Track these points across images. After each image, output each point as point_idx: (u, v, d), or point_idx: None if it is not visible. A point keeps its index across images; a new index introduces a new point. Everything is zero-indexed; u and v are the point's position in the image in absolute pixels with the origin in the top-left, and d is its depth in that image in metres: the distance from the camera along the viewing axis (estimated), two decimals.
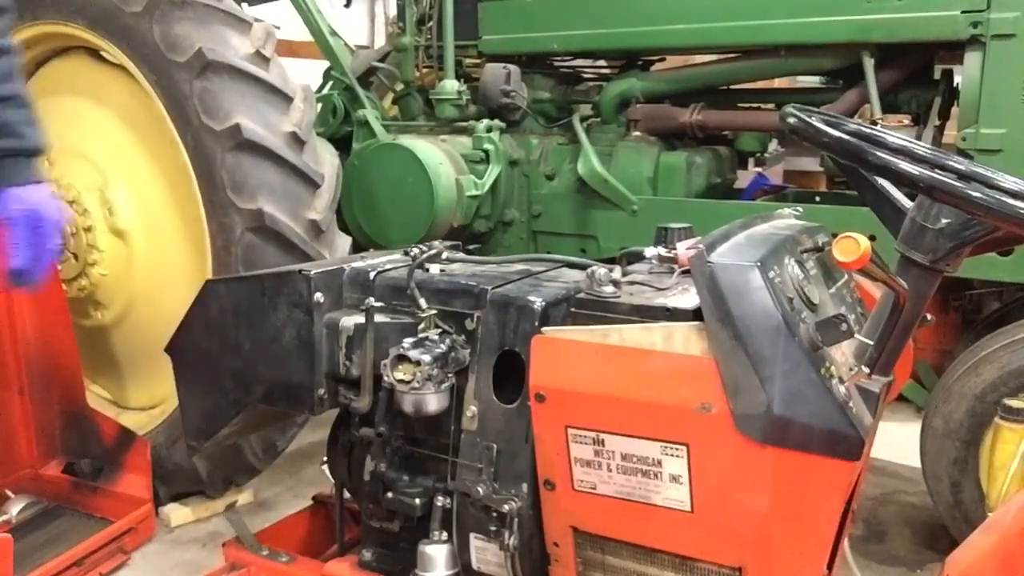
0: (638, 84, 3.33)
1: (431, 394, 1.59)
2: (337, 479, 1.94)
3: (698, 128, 3.24)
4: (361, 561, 1.87)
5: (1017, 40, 2.47)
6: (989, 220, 1.18)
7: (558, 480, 1.50)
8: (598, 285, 1.49)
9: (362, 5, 6.24)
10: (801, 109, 1.31)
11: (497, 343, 1.63)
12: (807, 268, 1.50)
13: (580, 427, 1.44)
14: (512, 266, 1.86)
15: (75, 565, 2.46)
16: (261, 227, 2.59)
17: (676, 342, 1.36)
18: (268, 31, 2.83)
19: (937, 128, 2.88)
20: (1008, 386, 2.43)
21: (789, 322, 1.28)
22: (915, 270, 1.33)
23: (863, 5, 2.72)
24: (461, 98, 3.39)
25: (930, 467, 2.60)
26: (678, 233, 1.68)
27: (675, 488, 1.39)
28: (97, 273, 2.92)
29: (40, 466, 2.87)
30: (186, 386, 1.94)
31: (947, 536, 2.64)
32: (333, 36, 3.59)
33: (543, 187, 3.38)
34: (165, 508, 2.91)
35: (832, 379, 1.30)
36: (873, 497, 3.17)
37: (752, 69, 3.21)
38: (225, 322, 1.83)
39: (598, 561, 1.54)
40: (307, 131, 2.79)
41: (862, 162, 1.23)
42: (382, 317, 1.71)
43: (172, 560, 2.71)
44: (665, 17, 3.07)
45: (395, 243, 3.01)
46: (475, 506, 1.64)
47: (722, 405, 1.31)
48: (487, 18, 3.44)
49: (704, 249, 1.35)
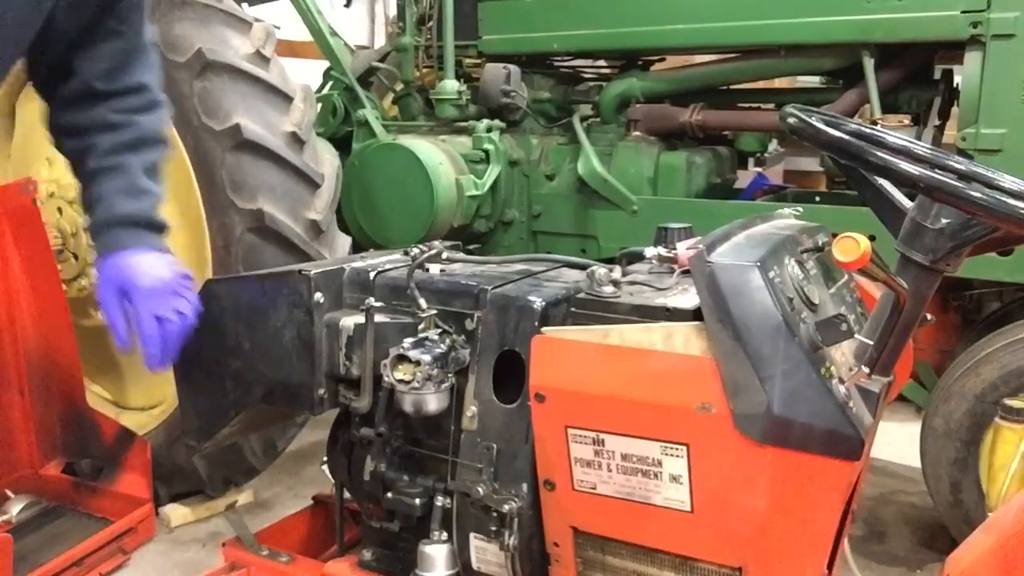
0: (638, 84, 3.33)
1: (431, 394, 1.59)
2: (337, 479, 1.94)
3: (698, 128, 3.23)
4: (361, 561, 1.87)
5: (1017, 40, 2.47)
6: (989, 220, 1.18)
7: (558, 480, 1.50)
8: (598, 285, 1.49)
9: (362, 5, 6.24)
10: (801, 109, 1.31)
11: (497, 343, 1.62)
12: (807, 268, 1.50)
13: (580, 427, 1.44)
14: (512, 266, 1.86)
15: (75, 565, 2.46)
16: (261, 227, 2.59)
17: (676, 342, 1.36)
18: (268, 31, 2.84)
19: (937, 128, 2.88)
20: (1008, 386, 2.43)
21: (789, 322, 1.28)
22: (915, 270, 1.33)
23: (863, 5, 2.72)
24: (461, 98, 3.39)
25: (930, 467, 2.59)
26: (678, 233, 1.68)
27: (675, 488, 1.39)
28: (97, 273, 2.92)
29: (40, 466, 2.87)
30: (186, 386, 1.94)
31: (947, 536, 2.64)
32: (333, 36, 3.59)
33: (543, 187, 3.38)
34: (165, 508, 2.91)
35: (832, 379, 1.30)
36: (873, 497, 3.17)
37: (752, 69, 3.21)
38: (225, 322, 1.83)
39: (598, 561, 1.54)
40: (307, 131, 2.79)
41: (862, 162, 1.23)
42: (382, 317, 1.71)
43: (172, 560, 2.71)
44: (665, 17, 3.07)
45: (395, 243, 3.00)
46: (475, 506, 1.63)
47: (722, 405, 1.31)
48: (487, 18, 3.44)
49: (704, 249, 1.35)
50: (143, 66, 1.73)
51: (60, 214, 2.92)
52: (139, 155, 1.69)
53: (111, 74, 1.68)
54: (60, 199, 2.92)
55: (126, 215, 1.69)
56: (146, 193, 1.71)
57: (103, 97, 1.68)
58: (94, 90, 1.67)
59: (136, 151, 1.69)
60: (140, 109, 1.71)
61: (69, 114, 1.71)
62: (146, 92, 1.73)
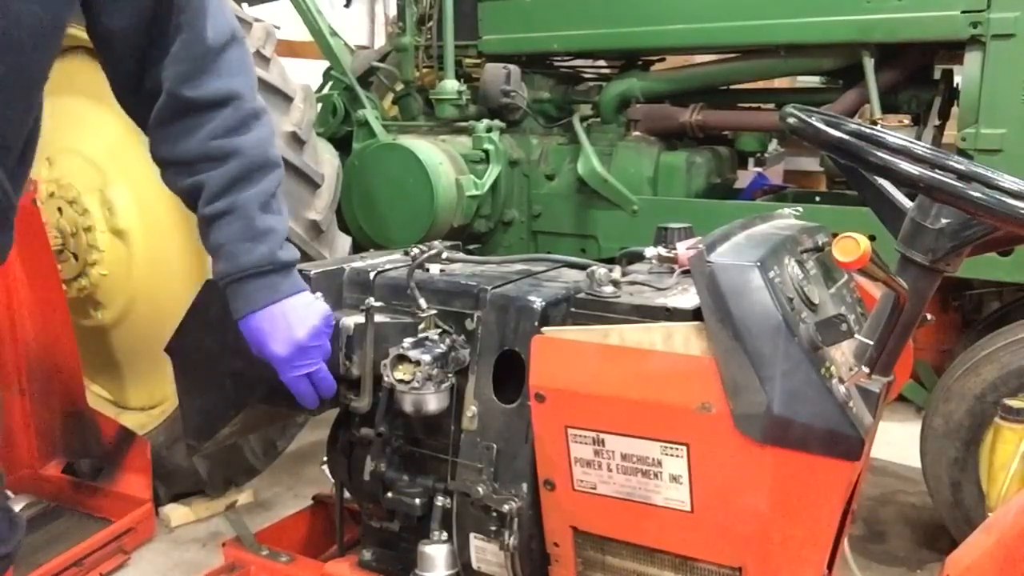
0: (638, 84, 3.33)
1: (431, 394, 1.59)
2: (337, 479, 1.93)
3: (698, 128, 3.24)
4: (361, 561, 1.86)
5: (1017, 40, 2.48)
6: (989, 220, 1.18)
7: (558, 480, 1.50)
8: (598, 285, 1.48)
9: (362, 5, 6.24)
10: (801, 109, 1.31)
11: (497, 343, 1.62)
12: (807, 268, 1.50)
13: (580, 427, 1.44)
14: (512, 266, 1.86)
15: (75, 565, 2.46)
16: None
17: (676, 342, 1.36)
18: (268, 31, 2.84)
19: (937, 128, 2.88)
20: (1008, 386, 2.43)
21: (789, 322, 1.28)
22: (915, 270, 1.33)
23: (863, 5, 2.72)
24: (461, 98, 3.39)
25: (930, 467, 2.60)
26: (678, 233, 1.68)
27: (675, 488, 1.39)
28: (97, 273, 2.92)
29: (40, 466, 2.87)
30: (186, 386, 1.94)
31: (947, 536, 2.64)
32: (333, 36, 3.60)
33: (543, 187, 3.38)
34: (165, 508, 2.91)
35: (832, 379, 1.30)
36: (873, 497, 3.17)
37: (752, 69, 3.21)
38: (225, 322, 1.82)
39: (598, 561, 1.54)
40: (307, 131, 2.79)
41: (862, 162, 1.23)
42: (382, 317, 1.71)
43: (172, 560, 2.71)
44: (665, 17, 3.08)
45: (395, 243, 3.01)
46: (475, 506, 1.63)
47: (722, 405, 1.31)
48: (487, 18, 3.44)
49: (704, 249, 1.35)
50: (227, 67, 1.52)
51: (60, 214, 2.92)
52: (253, 187, 1.52)
53: (192, 78, 1.49)
54: (60, 199, 2.92)
55: (251, 266, 1.54)
56: (267, 233, 1.53)
57: (195, 110, 1.50)
58: (182, 99, 1.49)
59: (248, 184, 1.52)
60: (240, 128, 1.53)
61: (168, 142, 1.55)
62: (240, 103, 1.53)
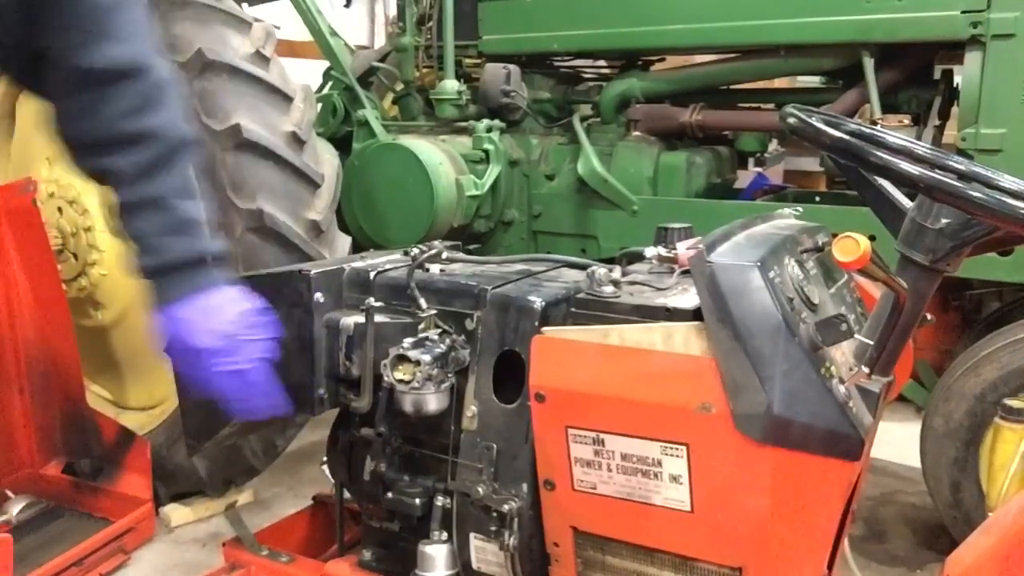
0: (638, 84, 3.33)
1: (431, 394, 1.59)
2: (337, 479, 1.94)
3: (698, 128, 3.24)
4: (361, 561, 1.87)
5: (1017, 40, 2.48)
6: (989, 220, 1.18)
7: (558, 480, 1.50)
8: (598, 285, 1.49)
9: (362, 5, 6.24)
10: (801, 109, 1.31)
11: (497, 343, 1.62)
12: (807, 268, 1.50)
13: (580, 427, 1.44)
14: (512, 266, 1.86)
15: (75, 565, 2.46)
16: (261, 227, 2.59)
17: (676, 342, 1.36)
18: (268, 31, 2.83)
19: (937, 128, 2.88)
20: (1008, 386, 2.43)
21: (789, 322, 1.28)
22: (915, 270, 1.33)
23: (863, 5, 2.72)
24: (461, 98, 3.39)
25: (930, 467, 2.59)
26: (678, 233, 1.68)
27: (675, 488, 1.39)
28: (97, 273, 2.92)
29: (40, 466, 2.87)
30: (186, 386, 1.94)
31: (947, 536, 2.63)
32: (333, 36, 3.60)
33: (543, 187, 3.38)
34: (165, 508, 2.91)
35: (832, 379, 1.30)
36: (873, 497, 3.16)
37: (752, 69, 3.21)
38: None
39: (598, 561, 1.54)
40: (307, 131, 2.79)
41: (862, 162, 1.23)
42: (382, 317, 1.71)
43: (172, 560, 2.71)
44: (665, 17, 3.08)
45: (395, 243, 3.01)
46: (475, 506, 1.63)
47: (722, 405, 1.30)
48: (487, 18, 3.44)
49: (704, 249, 1.35)
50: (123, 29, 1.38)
51: (60, 214, 2.92)
52: (171, 174, 1.43)
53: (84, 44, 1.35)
54: (60, 199, 2.92)
55: (178, 260, 1.46)
56: (190, 223, 1.45)
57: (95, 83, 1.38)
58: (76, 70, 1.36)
59: (165, 169, 1.43)
60: (149, 104, 1.41)
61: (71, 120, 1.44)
62: (144, 73, 1.40)
